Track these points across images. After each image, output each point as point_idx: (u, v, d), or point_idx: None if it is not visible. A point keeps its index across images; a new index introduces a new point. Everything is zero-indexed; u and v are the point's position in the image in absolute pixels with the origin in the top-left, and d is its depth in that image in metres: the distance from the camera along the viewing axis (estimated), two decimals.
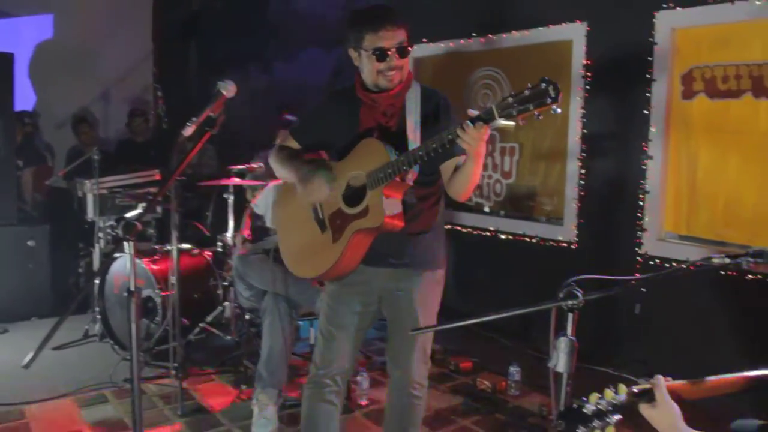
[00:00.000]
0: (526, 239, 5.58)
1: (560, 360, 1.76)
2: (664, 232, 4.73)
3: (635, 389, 1.66)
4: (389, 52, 2.61)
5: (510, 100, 2.20)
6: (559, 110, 2.14)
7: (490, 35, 5.79)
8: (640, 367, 4.63)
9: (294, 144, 2.93)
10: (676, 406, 1.65)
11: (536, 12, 5.41)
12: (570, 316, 1.77)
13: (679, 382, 1.73)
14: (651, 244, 4.72)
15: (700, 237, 4.59)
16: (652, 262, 4.68)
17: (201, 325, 5.07)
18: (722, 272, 4.13)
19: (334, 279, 2.82)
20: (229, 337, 5.05)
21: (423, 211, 2.76)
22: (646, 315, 4.73)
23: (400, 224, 2.60)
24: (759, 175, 4.24)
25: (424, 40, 6.34)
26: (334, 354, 2.90)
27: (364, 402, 4.25)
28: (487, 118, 2.30)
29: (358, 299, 2.86)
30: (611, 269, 4.93)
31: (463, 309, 6.00)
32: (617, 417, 1.62)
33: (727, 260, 1.85)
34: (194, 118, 2.46)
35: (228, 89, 2.52)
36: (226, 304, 5.14)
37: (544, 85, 2.10)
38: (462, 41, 6.03)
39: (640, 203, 4.77)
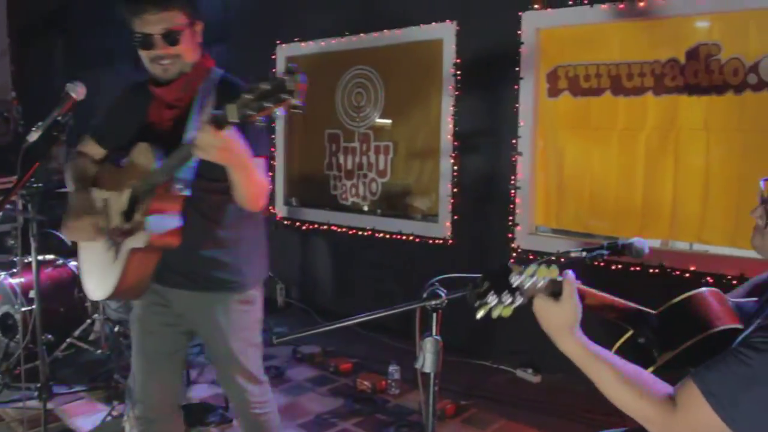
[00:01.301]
0: (403, 237, 5.60)
1: (426, 360, 1.73)
2: (536, 226, 4.88)
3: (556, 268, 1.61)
4: (154, 40, 2.30)
5: (247, 96, 1.83)
6: (299, 103, 1.81)
7: (362, 34, 5.78)
8: (518, 358, 4.76)
9: (95, 150, 2.62)
10: (580, 308, 1.60)
11: (408, 11, 5.44)
12: (434, 315, 1.75)
13: (584, 287, 1.70)
14: (523, 238, 4.85)
15: (569, 230, 4.77)
16: (525, 256, 4.80)
17: (68, 340, 4.75)
18: (588, 263, 4.29)
19: (129, 298, 2.62)
20: (99, 352, 4.77)
21: (215, 225, 2.44)
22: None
23: (174, 241, 2.29)
24: (619, 169, 4.45)
25: (296, 39, 6.25)
26: (151, 387, 2.65)
27: None
28: (218, 122, 1.94)
29: (162, 320, 2.59)
30: (486, 264, 5.03)
31: (342, 309, 5.97)
32: (521, 300, 1.60)
33: (584, 254, 1.91)
34: (40, 123, 2.27)
35: (77, 91, 2.33)
36: (95, 316, 4.86)
37: (283, 76, 1.79)
38: (334, 40, 5.98)
39: (512, 198, 4.89)
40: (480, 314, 1.61)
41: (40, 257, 4.02)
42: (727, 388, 1.39)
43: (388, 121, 5.77)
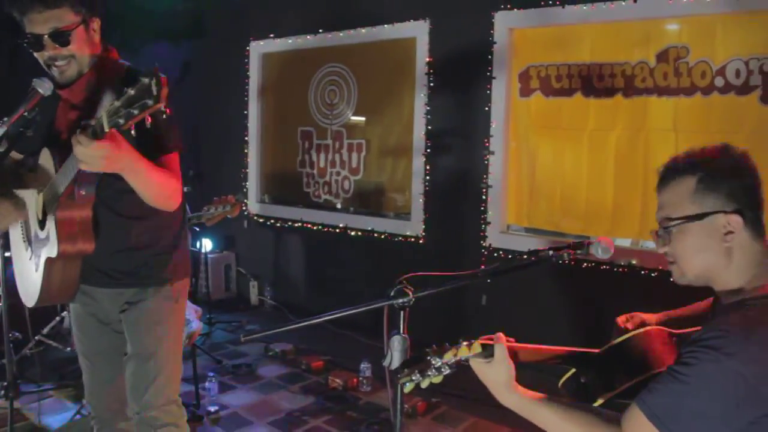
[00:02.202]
0: (375, 235, 5.61)
1: (394, 358, 1.75)
2: (507, 225, 4.92)
3: (479, 344, 1.70)
4: (43, 41, 2.17)
5: (116, 104, 1.77)
6: (163, 109, 1.75)
7: (336, 32, 5.77)
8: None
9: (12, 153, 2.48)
10: (512, 366, 1.68)
11: (381, 9, 5.45)
12: (401, 314, 1.76)
13: (516, 344, 1.76)
14: (495, 237, 4.89)
15: (540, 228, 4.82)
16: (496, 254, 4.84)
17: (36, 338, 4.69)
18: (554, 262, 4.34)
19: (59, 303, 2.56)
20: (68, 349, 4.71)
21: (133, 222, 2.39)
22: (492, 305, 4.89)
23: (87, 247, 2.25)
24: (590, 169, 4.51)
25: (271, 35, 6.23)
26: (97, 387, 2.61)
27: (213, 408, 4.09)
28: (94, 132, 1.86)
29: (96, 319, 2.54)
30: (458, 262, 5.06)
31: (316, 307, 5.96)
32: (448, 371, 1.69)
33: (551, 253, 1.93)
34: (5, 119, 2.22)
35: (44, 87, 2.24)
36: (64, 313, 4.79)
37: (146, 80, 1.70)
38: (308, 37, 5.97)
39: (484, 197, 4.93)
40: (408, 389, 1.71)
41: (6, 254, 3.97)
42: (668, 407, 1.43)
43: (362, 119, 5.78)
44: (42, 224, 2.32)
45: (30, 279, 2.44)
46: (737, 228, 1.56)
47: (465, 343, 1.71)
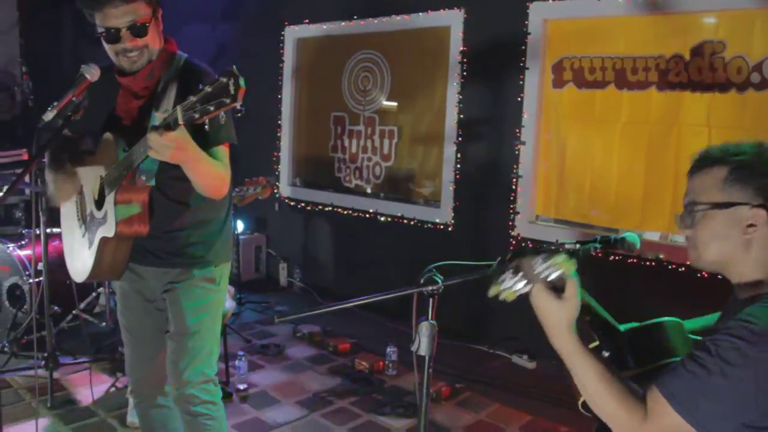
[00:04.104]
0: (405, 221, 5.67)
1: (422, 343, 1.80)
2: (536, 215, 4.94)
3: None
4: (121, 33, 2.29)
5: (192, 99, 1.91)
6: (240, 107, 1.93)
7: (370, 18, 5.81)
8: (513, 343, 4.85)
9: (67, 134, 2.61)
10: (579, 307, 1.61)
11: None
12: (431, 301, 1.82)
13: None
14: (523, 227, 4.92)
15: (569, 220, 4.83)
16: (524, 244, 4.87)
17: (74, 312, 4.84)
18: (580, 255, 4.36)
19: (108, 280, 2.64)
20: (104, 324, 4.86)
21: (184, 208, 2.50)
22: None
23: (142, 230, 2.37)
24: (620, 161, 4.51)
25: (306, 21, 6.28)
26: (138, 362, 2.72)
27: (242, 386, 4.20)
28: (168, 124, 2.00)
29: (141, 297, 2.65)
30: (486, 251, 5.10)
31: (344, 290, 6.06)
32: (529, 287, 1.61)
33: (578, 246, 1.95)
34: (55, 103, 2.30)
35: (92, 73, 2.33)
36: (101, 289, 4.94)
37: (224, 79, 1.84)
38: (343, 23, 6.01)
39: (513, 187, 4.95)
40: (491, 292, 1.64)
41: (48, 230, 4.11)
42: (688, 390, 1.47)
43: (394, 104, 5.81)
44: (99, 204, 2.43)
45: (81, 256, 2.56)
46: (760, 222, 1.59)
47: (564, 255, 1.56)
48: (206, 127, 2.04)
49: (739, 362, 1.43)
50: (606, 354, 1.81)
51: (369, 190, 6.07)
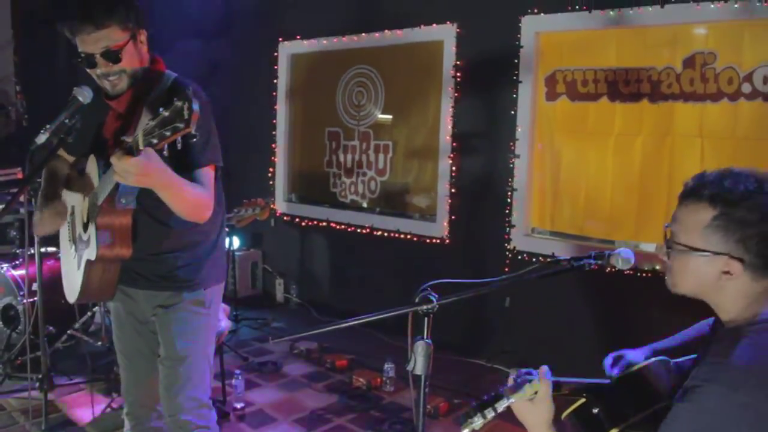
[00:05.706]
0: (401, 235, 5.66)
1: (417, 363, 1.79)
2: (531, 228, 4.94)
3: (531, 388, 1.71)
4: (95, 59, 2.27)
5: (152, 124, 1.85)
6: (193, 133, 1.82)
7: (363, 34, 5.83)
8: (511, 358, 4.83)
9: (64, 155, 2.61)
10: (553, 407, 1.69)
11: (409, 12, 5.49)
12: (426, 320, 1.81)
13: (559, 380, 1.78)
14: (519, 239, 4.92)
15: (564, 232, 4.83)
16: (520, 257, 4.87)
17: (69, 332, 4.81)
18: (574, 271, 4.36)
19: (99, 301, 2.62)
20: (99, 344, 4.82)
21: (169, 230, 2.45)
22: (515, 307, 4.92)
23: (124, 253, 2.34)
24: (615, 173, 4.52)
25: (299, 36, 6.30)
26: (133, 384, 2.69)
27: (239, 405, 4.17)
28: (130, 149, 1.94)
29: (134, 318, 2.62)
30: (482, 264, 5.11)
31: (340, 305, 6.05)
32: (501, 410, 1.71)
33: (572, 263, 1.94)
34: (48, 126, 2.30)
35: (84, 95, 2.33)
36: (96, 309, 4.91)
37: (179, 103, 1.78)
38: (336, 39, 6.04)
39: (509, 200, 4.96)
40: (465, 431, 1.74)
41: (42, 249, 4.09)
42: None
43: (388, 118, 5.83)
44: (86, 227, 2.41)
45: (73, 276, 2.54)
46: (736, 272, 1.57)
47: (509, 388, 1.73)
48: (183, 151, 1.97)
49: (726, 410, 1.43)
50: (595, 411, 1.77)
51: (365, 205, 6.07)
